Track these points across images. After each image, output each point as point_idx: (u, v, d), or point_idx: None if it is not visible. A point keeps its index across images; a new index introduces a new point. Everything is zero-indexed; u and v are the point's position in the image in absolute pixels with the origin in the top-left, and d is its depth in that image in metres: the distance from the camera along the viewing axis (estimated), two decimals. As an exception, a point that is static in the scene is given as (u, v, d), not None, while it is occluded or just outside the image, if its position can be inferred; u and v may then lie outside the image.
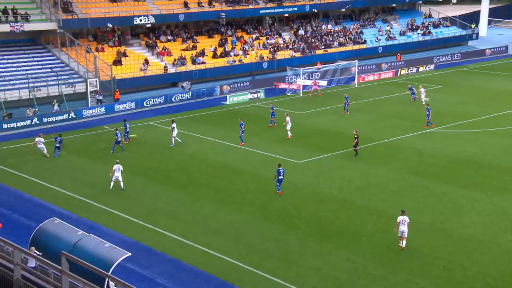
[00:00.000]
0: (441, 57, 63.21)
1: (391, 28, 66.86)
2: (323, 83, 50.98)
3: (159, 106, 45.76)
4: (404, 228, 21.11)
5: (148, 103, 45.70)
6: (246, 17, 59.42)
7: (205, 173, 30.11)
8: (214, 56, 53.43)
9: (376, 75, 55.66)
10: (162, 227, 23.61)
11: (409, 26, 67.70)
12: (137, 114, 43.06)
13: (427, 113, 36.64)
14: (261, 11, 58.43)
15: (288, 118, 35.77)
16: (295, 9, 60.50)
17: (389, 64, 59.41)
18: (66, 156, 33.17)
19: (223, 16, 54.85)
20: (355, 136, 31.76)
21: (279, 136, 35.92)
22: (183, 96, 47.66)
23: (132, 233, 23.13)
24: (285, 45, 58.34)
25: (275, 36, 59.43)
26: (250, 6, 57.55)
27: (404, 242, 21.25)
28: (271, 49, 56.61)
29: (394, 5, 70.67)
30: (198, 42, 54.75)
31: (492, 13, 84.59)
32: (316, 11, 62.84)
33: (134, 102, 45.02)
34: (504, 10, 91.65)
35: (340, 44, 60.69)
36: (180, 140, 34.73)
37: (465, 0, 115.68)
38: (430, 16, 72.17)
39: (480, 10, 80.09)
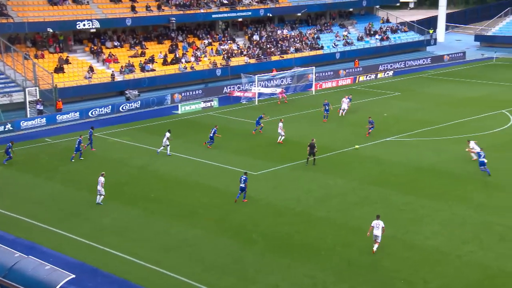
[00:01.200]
0: (400, 63, 65.00)
1: (349, 33, 68.32)
2: (278, 90, 51.47)
3: (106, 116, 45.15)
4: (377, 232, 22.12)
5: (93, 113, 44.99)
6: (197, 22, 59.49)
7: (156, 186, 29.85)
8: (164, 63, 53.20)
9: (334, 82, 56.67)
10: (110, 245, 23.22)
11: (367, 31, 69.36)
12: (82, 125, 42.32)
13: (370, 125, 37.18)
14: (213, 16, 58.64)
15: (280, 124, 36.74)
16: (249, 13, 61.03)
17: (347, 70, 60.62)
18: (3, 171, 32.23)
19: (174, 21, 54.75)
20: (313, 144, 32.17)
21: (234, 147, 36.00)
22: (132, 106, 47.17)
23: (76, 253, 22.66)
24: (239, 51, 58.70)
25: (229, 41, 59.73)
26: (202, 10, 57.68)
27: (376, 246, 22.17)
28: (225, 55, 56.84)
29: (351, 9, 72.27)
30: (147, 48, 54.40)
31: (449, 18, 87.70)
32: (271, 15, 63.59)
33: (78, 112, 44.24)
34: (460, 15, 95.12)
35: (297, 50, 61.54)
36: (158, 150, 34.77)
37: (422, 5, 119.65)
38: (387, 21, 74.18)
39: (437, 15, 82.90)
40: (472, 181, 29.67)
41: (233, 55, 57.58)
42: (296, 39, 63.45)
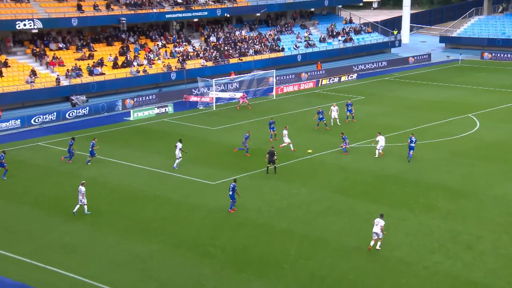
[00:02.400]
0: (364, 66, 66.13)
1: (310, 34, 69.14)
2: (238, 95, 51.63)
3: (50, 124, 44.40)
4: (376, 229, 23.66)
5: (36, 120, 44.15)
6: (150, 22, 59.16)
7: (106, 199, 29.50)
8: (115, 66, 52.67)
9: (295, 86, 57.21)
10: (55, 264, 22.81)
11: (329, 32, 70.33)
12: (23, 134, 41.46)
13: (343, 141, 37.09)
14: (167, 16, 58.43)
15: (285, 132, 36.67)
16: (205, 13, 61.08)
17: (309, 73, 61.28)
18: None
19: (124, 21, 54.30)
20: (272, 152, 32.37)
21: (191, 155, 35.90)
22: (79, 112, 46.52)
23: (16, 273, 22.16)
24: (195, 53, 58.65)
25: (184, 43, 59.60)
26: (155, 10, 57.40)
27: (372, 243, 23.67)
28: (180, 58, 56.69)
29: (312, 9, 73.19)
30: (96, 51, 53.77)
31: (414, 18, 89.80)
32: (228, 15, 63.77)
33: (19, 120, 43.34)
34: (425, 16, 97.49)
35: (256, 52, 61.90)
36: (175, 165, 33.65)
37: (385, 4, 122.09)
38: (350, 21, 75.41)
39: (401, 16, 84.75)
40: (438, 188, 30.37)
41: (189, 57, 57.50)
42: (255, 41, 63.82)
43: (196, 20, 61.76)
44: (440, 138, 39.06)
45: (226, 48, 60.76)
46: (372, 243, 23.76)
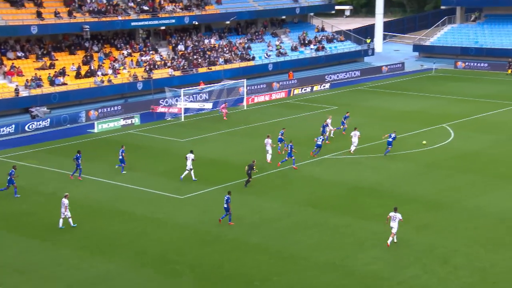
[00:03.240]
0: (337, 75, 66.61)
1: (282, 42, 69.44)
2: (208, 105, 51.47)
3: (9, 137, 43.62)
4: (394, 224, 25.16)
5: (-6, 133, 43.31)
6: (115, 30, 58.70)
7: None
8: (78, 76, 52.05)
9: (267, 96, 57.28)
10: (10, 286, 22.19)
11: (301, 41, 70.75)
12: (-19, 147, 40.56)
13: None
14: (132, 24, 58.06)
15: (269, 140, 36.69)
16: (173, 21, 60.88)
17: (280, 83, 61.44)
18: None
19: (87, 29, 53.77)
20: (252, 165, 32.34)
21: (158, 168, 35.54)
22: (40, 124, 45.77)
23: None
24: (163, 62, 58.34)
25: (151, 52, 59.26)
26: (120, 18, 56.98)
27: (391, 238, 25.13)
28: (147, 67, 56.32)
29: (283, 17, 73.58)
30: (57, 60, 53.08)
31: (387, 27, 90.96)
32: (197, 23, 63.67)
33: (-24, 133, 42.47)
34: (398, 24, 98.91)
35: (226, 61, 61.87)
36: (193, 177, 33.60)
37: (358, 13, 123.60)
38: (323, 29, 76.00)
39: (374, 24, 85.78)
40: (413, 200, 30.56)
41: (156, 67, 57.16)
42: (225, 49, 63.80)
43: (163, 28, 61.52)
44: (414, 149, 39.42)
45: (194, 57, 60.59)
46: (391, 239, 25.17)
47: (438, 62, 73.29)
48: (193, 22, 62.61)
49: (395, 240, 25.30)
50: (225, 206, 27.53)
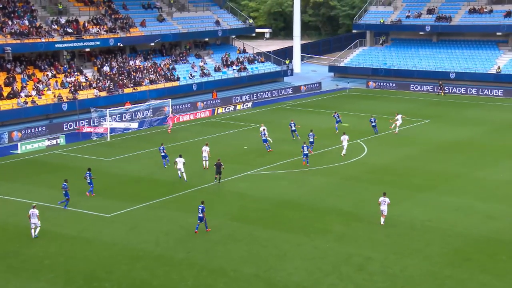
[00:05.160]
0: (258, 94, 67.41)
1: (205, 63, 69.64)
2: (134, 125, 50.80)
3: None
4: (383, 207, 28.79)
5: None
6: (38, 52, 57.01)
7: (-9, 238, 27.75)
8: (0, 97, 50.10)
9: (192, 115, 57.18)
10: None
11: (224, 62, 71.21)
12: None
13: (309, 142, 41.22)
14: (56, 45, 56.63)
15: (207, 148, 38.95)
16: (98, 43, 59.84)
17: (205, 102, 61.53)
18: None
19: (9, 51, 51.93)
20: (219, 164, 35.12)
21: (83, 187, 34.70)
22: (-39, 146, 43.69)
23: None
24: (88, 83, 57.15)
25: (76, 73, 57.93)
26: (43, 40, 55.42)
27: (382, 219, 28.83)
28: (72, 88, 54.98)
29: (206, 39, 73.89)
30: (-21, 81, 51.01)
31: (304, 49, 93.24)
32: (121, 45, 62.88)
33: None
34: (314, 46, 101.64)
35: (151, 82, 61.35)
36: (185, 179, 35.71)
37: (277, 35, 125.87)
38: (244, 51, 76.83)
39: (292, 46, 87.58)
40: (332, 212, 31.26)
41: (81, 87, 55.91)
42: (150, 70, 63.27)
43: (88, 49, 60.32)
44: (332, 164, 40.38)
45: (120, 77, 59.73)
46: (382, 220, 28.70)
47: (351, 81, 75.59)
48: (118, 44, 61.79)
49: (382, 223, 28.78)
50: (200, 215, 28.10)
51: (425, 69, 75.15)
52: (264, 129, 44.48)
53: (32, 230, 27.76)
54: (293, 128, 47.25)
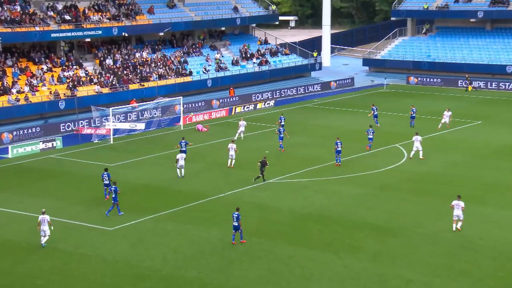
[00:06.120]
0: (282, 91, 67.48)
1: (222, 56, 69.97)
2: (140, 126, 51.21)
3: None
4: (458, 212, 29.44)
5: None
6: (32, 42, 57.78)
7: (-22, 253, 28.18)
8: (-10, 93, 51.00)
9: (206, 114, 57.48)
10: None
11: (243, 54, 71.47)
12: None
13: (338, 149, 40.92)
14: (52, 35, 57.33)
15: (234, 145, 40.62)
16: (99, 32, 60.51)
17: (221, 100, 61.79)
18: None
19: (-1, 41, 52.81)
20: (264, 161, 36.69)
21: (82, 197, 35.03)
22: None
23: None
24: (88, 78, 57.80)
25: (74, 67, 58.63)
26: (37, 28, 56.14)
27: (459, 224, 29.64)
28: (70, 83, 55.66)
29: (223, 28, 74.23)
30: (-34, 75, 51.89)
31: (334, 39, 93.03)
32: (126, 35, 63.47)
33: None
34: (347, 36, 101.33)
35: (160, 77, 61.83)
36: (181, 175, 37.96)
37: (304, 23, 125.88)
38: (266, 42, 77.05)
39: (321, 36, 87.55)
40: (364, 227, 31.12)
41: (81, 83, 56.56)
42: (158, 64, 63.78)
43: (88, 40, 60.99)
44: (365, 171, 40.23)
45: (124, 72, 60.30)
46: (458, 225, 29.46)
47: (389, 77, 75.34)
48: (123, 33, 62.37)
49: (459, 228, 29.60)
50: (235, 224, 28.65)
51: (476, 62, 74.45)
52: (243, 124, 47.29)
53: (42, 238, 28.73)
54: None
